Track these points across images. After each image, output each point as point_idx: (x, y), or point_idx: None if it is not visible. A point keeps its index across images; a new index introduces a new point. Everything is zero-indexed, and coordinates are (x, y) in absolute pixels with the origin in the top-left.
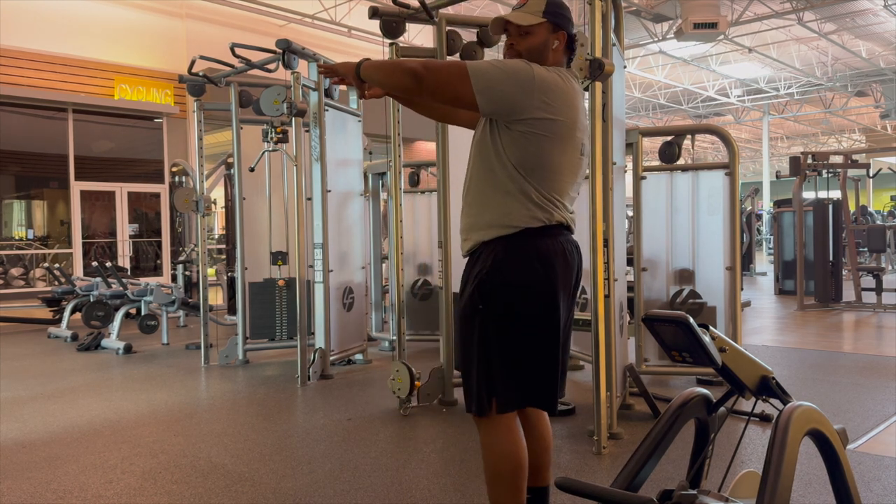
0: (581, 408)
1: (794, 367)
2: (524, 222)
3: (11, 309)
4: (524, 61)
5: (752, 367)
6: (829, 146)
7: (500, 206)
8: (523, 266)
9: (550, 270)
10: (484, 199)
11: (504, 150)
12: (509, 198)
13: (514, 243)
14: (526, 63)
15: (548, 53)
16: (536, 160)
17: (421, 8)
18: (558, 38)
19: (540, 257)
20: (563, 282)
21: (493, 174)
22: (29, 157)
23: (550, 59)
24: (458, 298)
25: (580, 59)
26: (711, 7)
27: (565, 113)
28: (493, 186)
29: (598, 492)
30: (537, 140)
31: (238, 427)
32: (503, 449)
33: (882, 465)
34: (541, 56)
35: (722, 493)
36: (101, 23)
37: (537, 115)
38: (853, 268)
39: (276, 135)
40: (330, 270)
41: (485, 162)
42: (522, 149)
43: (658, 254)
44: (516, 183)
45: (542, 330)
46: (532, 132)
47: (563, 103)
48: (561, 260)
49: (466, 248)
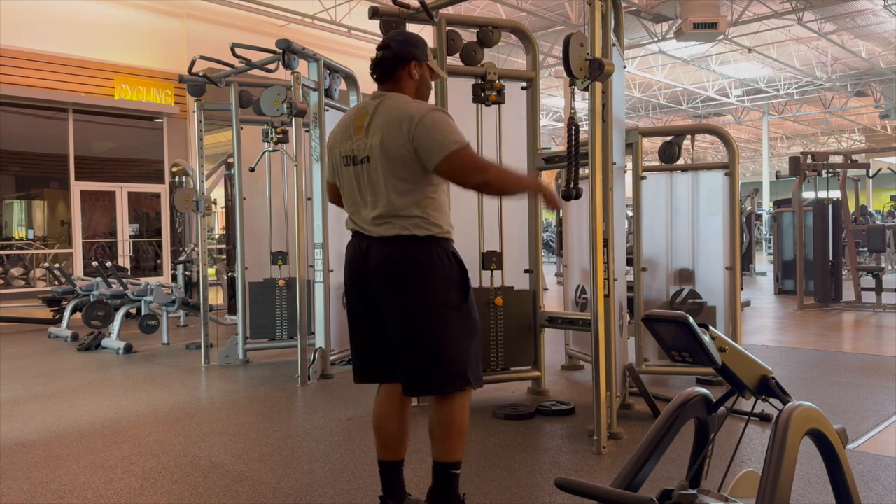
0: (581, 407)
1: (794, 367)
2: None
3: (12, 309)
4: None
5: (752, 366)
6: (829, 146)
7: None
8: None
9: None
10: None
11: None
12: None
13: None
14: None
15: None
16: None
17: (421, 8)
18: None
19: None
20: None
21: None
22: (29, 157)
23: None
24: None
25: (580, 58)
26: (711, 7)
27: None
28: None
29: (597, 492)
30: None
31: (238, 427)
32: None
33: (882, 464)
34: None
35: (722, 492)
36: (101, 23)
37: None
38: (853, 268)
39: (277, 135)
40: (330, 270)
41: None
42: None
43: (658, 254)
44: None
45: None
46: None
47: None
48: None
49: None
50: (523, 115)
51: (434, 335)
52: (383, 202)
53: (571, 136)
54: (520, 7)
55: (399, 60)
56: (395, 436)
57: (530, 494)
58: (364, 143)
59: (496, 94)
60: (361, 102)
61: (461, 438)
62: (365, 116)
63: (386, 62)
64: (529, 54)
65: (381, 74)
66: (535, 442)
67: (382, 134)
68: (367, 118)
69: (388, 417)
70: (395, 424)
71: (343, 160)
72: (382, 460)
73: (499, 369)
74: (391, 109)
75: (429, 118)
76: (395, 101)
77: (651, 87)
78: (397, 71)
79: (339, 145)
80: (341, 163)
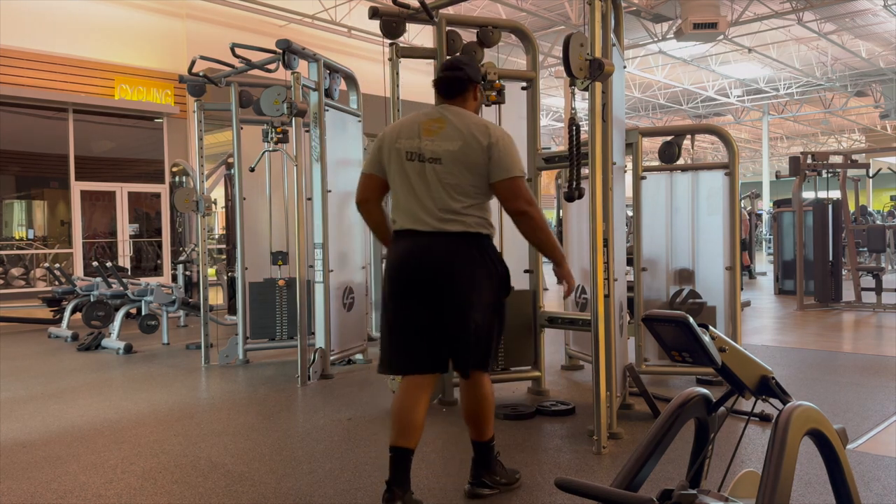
0: (581, 407)
1: (794, 367)
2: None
3: (12, 309)
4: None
5: (752, 366)
6: (829, 146)
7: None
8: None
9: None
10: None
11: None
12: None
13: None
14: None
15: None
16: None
17: (421, 8)
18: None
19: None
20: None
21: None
22: (29, 157)
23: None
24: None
25: (580, 59)
26: (711, 7)
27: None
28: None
29: (597, 492)
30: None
31: (238, 427)
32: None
33: (882, 464)
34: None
35: (722, 492)
36: (101, 23)
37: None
38: (853, 268)
39: (277, 135)
40: (330, 270)
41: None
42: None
43: (658, 254)
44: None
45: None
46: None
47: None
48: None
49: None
50: (523, 115)
51: (483, 320)
52: (451, 201)
53: (573, 137)
54: (520, 7)
55: (470, 83)
56: (411, 424)
57: (530, 494)
58: (437, 145)
59: (496, 94)
60: (431, 109)
61: (491, 417)
62: (438, 122)
63: (459, 82)
64: (529, 54)
65: (448, 91)
66: (535, 442)
67: (463, 143)
68: (441, 125)
69: (409, 407)
70: (414, 414)
71: (407, 155)
72: (395, 446)
73: (499, 369)
74: (471, 124)
75: (504, 141)
76: (471, 116)
77: (651, 87)
78: (466, 91)
79: (402, 142)
80: (404, 157)
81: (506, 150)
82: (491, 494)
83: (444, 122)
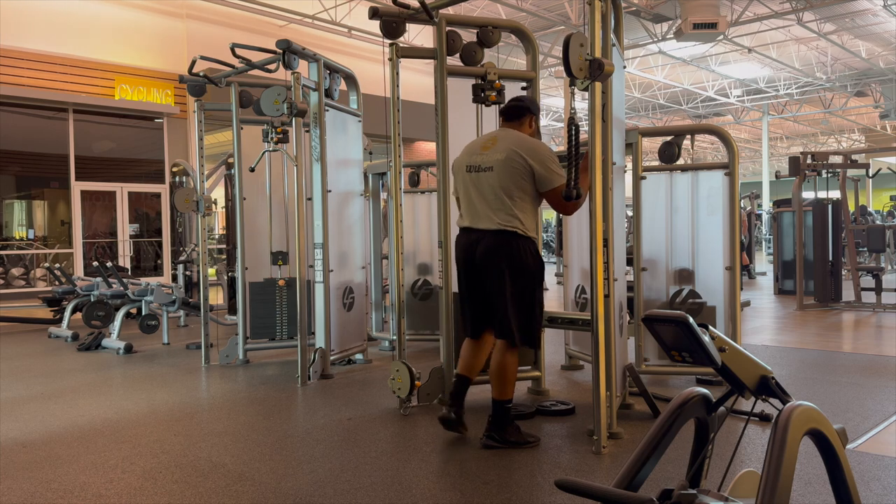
0: (581, 407)
1: (794, 367)
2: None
3: (12, 309)
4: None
5: (752, 366)
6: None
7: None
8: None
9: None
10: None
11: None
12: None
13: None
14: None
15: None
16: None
17: (421, 8)
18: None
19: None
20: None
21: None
22: (29, 157)
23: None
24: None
25: (580, 59)
26: (711, 7)
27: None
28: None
29: (597, 491)
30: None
31: (238, 427)
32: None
33: (882, 464)
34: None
35: (722, 492)
36: (101, 23)
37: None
38: (853, 268)
39: (277, 135)
40: (330, 270)
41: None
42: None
43: (658, 254)
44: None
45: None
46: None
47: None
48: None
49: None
50: None
51: (510, 302)
52: (498, 203)
53: (572, 136)
54: (520, 7)
55: (527, 112)
56: (473, 362)
57: (530, 494)
58: (490, 157)
59: (496, 94)
60: (490, 133)
61: (511, 382)
62: (492, 140)
63: (520, 109)
64: (529, 54)
65: (507, 115)
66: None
67: (507, 154)
68: (495, 142)
69: (471, 355)
70: (475, 358)
71: (468, 168)
72: (459, 373)
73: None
74: (517, 139)
75: (541, 156)
76: (519, 134)
77: (651, 87)
78: (522, 117)
79: (465, 158)
80: (464, 170)
81: (544, 166)
82: (498, 447)
83: (497, 139)
